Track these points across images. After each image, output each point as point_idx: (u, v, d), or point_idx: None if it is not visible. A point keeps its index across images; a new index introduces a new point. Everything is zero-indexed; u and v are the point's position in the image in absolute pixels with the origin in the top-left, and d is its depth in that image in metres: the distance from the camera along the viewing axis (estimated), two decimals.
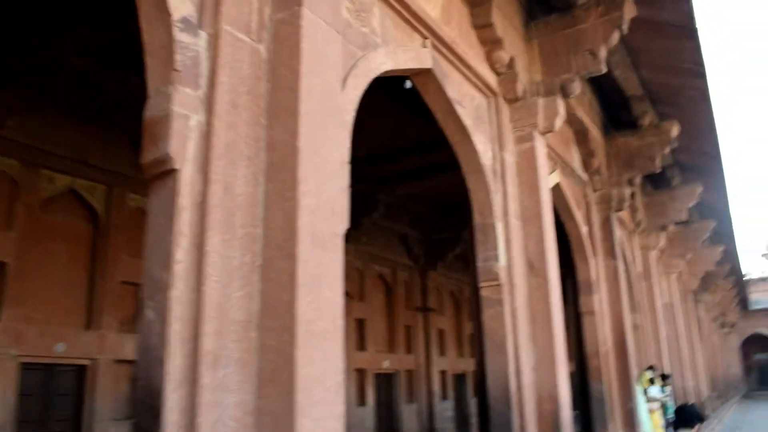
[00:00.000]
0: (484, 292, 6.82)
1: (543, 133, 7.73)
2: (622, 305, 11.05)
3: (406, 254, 16.89)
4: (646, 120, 11.33)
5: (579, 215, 10.63)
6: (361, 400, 14.80)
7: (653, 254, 16.02)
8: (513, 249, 6.96)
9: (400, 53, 5.54)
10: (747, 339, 54.21)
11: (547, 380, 6.82)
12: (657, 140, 11.24)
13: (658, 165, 11.30)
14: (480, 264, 6.83)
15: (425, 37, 6.00)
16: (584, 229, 10.73)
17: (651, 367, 13.57)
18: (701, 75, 9.89)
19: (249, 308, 3.46)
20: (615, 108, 11.48)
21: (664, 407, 13.02)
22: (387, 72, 5.25)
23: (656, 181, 15.48)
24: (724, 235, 22.84)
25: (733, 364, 48.69)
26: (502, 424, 6.38)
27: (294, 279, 3.43)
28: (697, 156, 14.26)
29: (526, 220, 7.33)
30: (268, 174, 3.69)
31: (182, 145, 3.26)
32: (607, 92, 11.23)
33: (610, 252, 11.17)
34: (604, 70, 7.80)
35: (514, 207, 7.23)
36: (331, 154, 3.94)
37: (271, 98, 3.82)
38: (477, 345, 7.11)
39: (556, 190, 9.92)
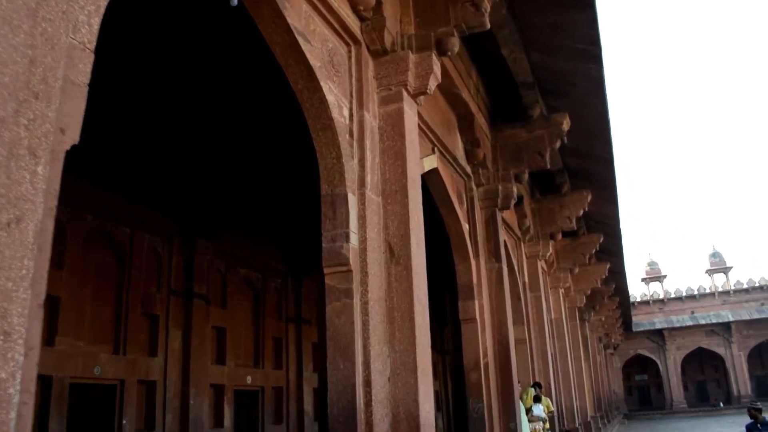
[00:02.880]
0: (330, 280, 5.36)
1: (414, 96, 6.42)
2: (506, 313, 9.92)
3: (280, 258, 15.26)
4: (536, 111, 10.35)
5: (461, 210, 9.44)
6: (218, 421, 12.96)
7: (541, 264, 15.18)
8: (369, 229, 5.56)
9: None
10: (628, 360, 55.68)
11: (405, 394, 5.42)
12: (547, 133, 10.26)
13: (547, 161, 10.31)
14: (326, 245, 5.38)
15: None
16: (466, 227, 9.55)
17: (536, 384, 12.57)
18: (596, 58, 8.97)
19: None
20: (503, 95, 10.46)
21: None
22: None
23: (545, 187, 14.69)
24: (611, 253, 22.62)
25: (616, 384, 49.69)
26: None
27: None
28: (589, 160, 13.53)
29: (388, 196, 5.96)
30: None
31: None
32: (495, 77, 10.19)
33: (494, 253, 10.04)
34: (487, 26, 6.61)
35: (373, 178, 5.84)
36: None
37: None
38: (321, 350, 5.61)
39: (435, 177, 8.69)
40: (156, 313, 11.79)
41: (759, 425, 10.03)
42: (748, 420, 10.55)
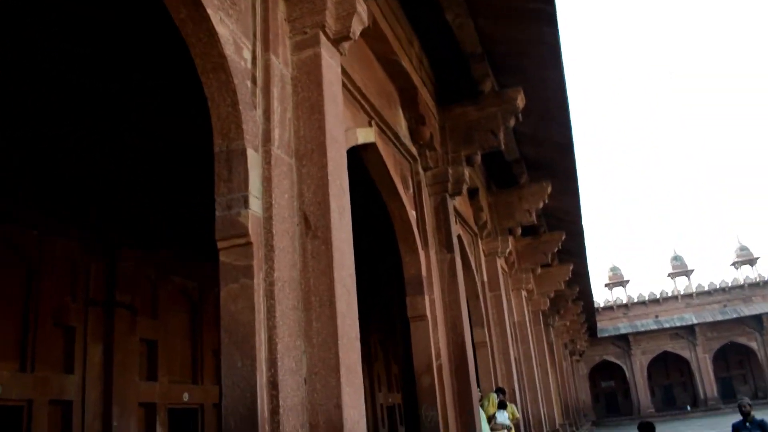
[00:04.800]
0: (225, 257, 4.26)
1: (335, 42, 5.37)
2: (461, 309, 8.87)
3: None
4: (487, 86, 9.41)
5: (406, 196, 8.40)
6: None
7: (501, 263, 14.23)
8: (277, 194, 4.47)
9: None
10: (594, 366, 55.21)
11: (326, 399, 4.30)
12: (500, 111, 9.30)
13: (501, 140, 9.36)
14: (219, 213, 4.28)
15: None
16: (413, 214, 8.52)
17: (500, 390, 11.54)
18: (550, 18, 8.05)
19: None
20: (450, 70, 9.48)
21: None
22: None
23: (502, 179, 13.78)
24: (574, 254, 21.88)
25: (583, 391, 49.11)
26: None
27: None
28: (547, 148, 12.66)
29: (303, 157, 4.88)
30: None
31: None
32: (441, 50, 9.22)
33: (446, 243, 9.02)
34: None
35: (283, 135, 4.76)
36: None
37: None
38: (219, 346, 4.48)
39: (374, 156, 7.66)
40: (71, 324, 10.46)
41: (747, 423, 9.19)
42: (735, 419, 9.73)
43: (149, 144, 9.76)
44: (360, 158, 7.76)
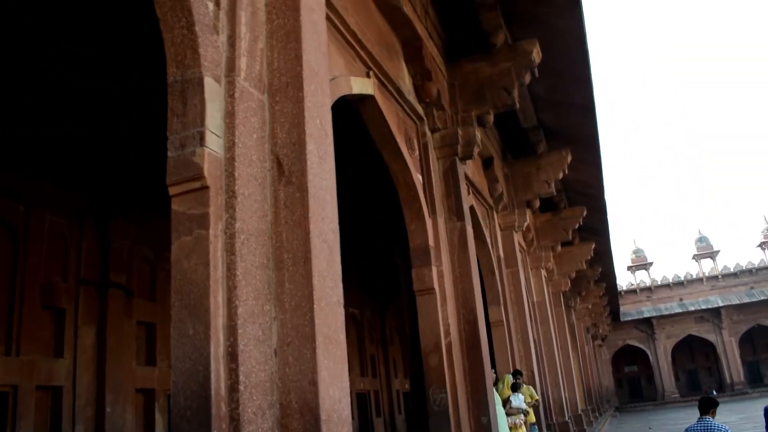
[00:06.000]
0: (178, 204, 3.56)
1: None
2: (472, 282, 8.12)
3: None
4: (500, 39, 8.59)
5: (411, 158, 7.66)
6: (148, 430, 11.06)
7: (518, 239, 13.45)
8: (243, 133, 3.76)
9: None
10: (617, 351, 54.16)
11: (299, 374, 3.59)
12: (513, 65, 8.49)
13: (516, 98, 8.55)
14: (172, 153, 3.58)
15: None
16: (419, 178, 7.78)
17: (517, 372, 10.79)
18: None
19: None
20: (459, 21, 8.69)
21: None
22: None
23: (519, 149, 12.96)
24: (595, 232, 21.01)
25: (605, 376, 48.17)
26: None
27: None
28: (566, 113, 11.82)
29: (276, 92, 4.15)
30: None
31: None
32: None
33: (456, 211, 8.27)
34: None
35: (253, 66, 4.03)
36: None
37: None
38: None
39: (373, 111, 6.92)
40: (61, 306, 9.88)
41: None
42: (762, 407, 8.84)
43: (149, 143, 9.24)
44: (360, 116, 7.05)
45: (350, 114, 6.94)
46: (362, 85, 6.39)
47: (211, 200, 3.46)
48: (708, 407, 6.71)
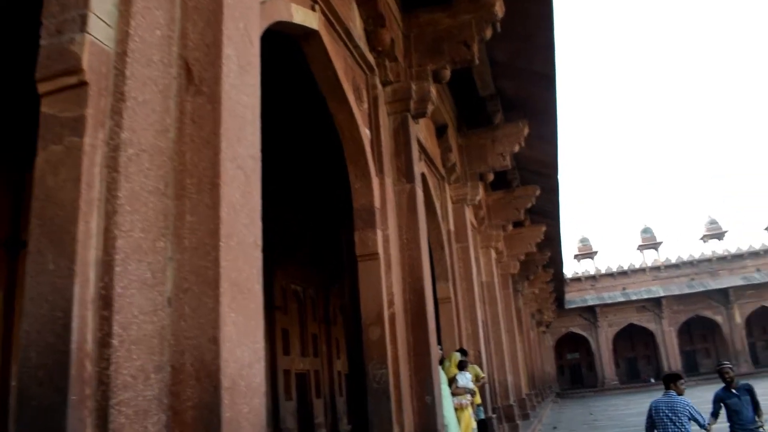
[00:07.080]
0: (48, 106, 2.74)
1: None
2: (420, 250, 7.45)
3: None
4: None
5: (359, 111, 6.92)
6: None
7: (470, 214, 12.87)
8: (141, 26, 2.95)
9: None
10: (560, 338, 54.71)
11: (197, 329, 2.84)
12: (474, 18, 7.83)
13: (475, 53, 7.88)
14: (45, 41, 2.76)
15: None
16: (366, 132, 7.05)
17: (461, 350, 10.22)
18: None
19: None
20: None
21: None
22: None
23: (475, 119, 12.34)
24: (546, 215, 20.68)
25: (548, 362, 48.57)
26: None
27: None
28: (526, 82, 11.24)
29: None
30: None
31: None
32: None
33: (405, 172, 7.58)
34: None
35: None
36: None
37: None
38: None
39: (318, 51, 6.14)
40: None
41: (733, 390, 7.80)
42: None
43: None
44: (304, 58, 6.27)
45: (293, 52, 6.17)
46: (305, 17, 5.61)
47: (90, 100, 2.66)
48: (669, 381, 6.74)
